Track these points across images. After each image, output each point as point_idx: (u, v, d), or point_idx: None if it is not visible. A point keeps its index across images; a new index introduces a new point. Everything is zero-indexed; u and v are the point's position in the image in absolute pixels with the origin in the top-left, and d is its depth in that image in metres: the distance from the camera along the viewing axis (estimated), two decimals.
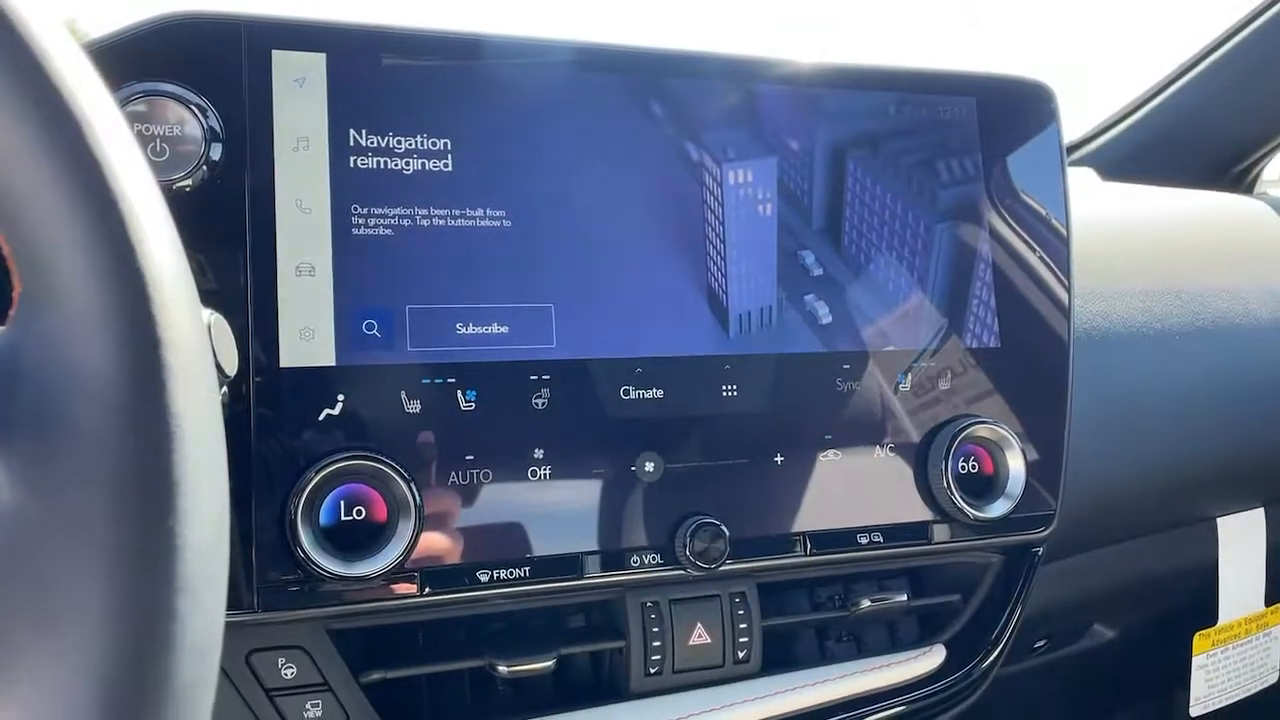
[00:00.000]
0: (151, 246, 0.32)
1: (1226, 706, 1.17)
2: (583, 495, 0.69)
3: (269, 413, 0.62)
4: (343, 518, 0.62)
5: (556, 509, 0.68)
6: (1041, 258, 0.85)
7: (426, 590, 0.64)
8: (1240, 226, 1.24)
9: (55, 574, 0.28)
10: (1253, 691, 1.20)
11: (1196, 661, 1.14)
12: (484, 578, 0.66)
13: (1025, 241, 0.84)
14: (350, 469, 0.62)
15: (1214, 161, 1.57)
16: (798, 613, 0.79)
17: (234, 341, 0.52)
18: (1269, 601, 1.18)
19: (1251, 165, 1.60)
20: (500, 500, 0.67)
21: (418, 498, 0.63)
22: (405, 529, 0.63)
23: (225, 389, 0.60)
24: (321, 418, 0.63)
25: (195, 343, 0.33)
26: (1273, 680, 1.23)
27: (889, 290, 0.80)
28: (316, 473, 0.61)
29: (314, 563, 0.60)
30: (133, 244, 0.31)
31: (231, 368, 0.51)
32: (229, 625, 0.60)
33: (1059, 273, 0.85)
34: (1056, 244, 0.85)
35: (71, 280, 0.30)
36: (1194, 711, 1.15)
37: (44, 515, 0.29)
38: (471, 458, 0.66)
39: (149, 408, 0.30)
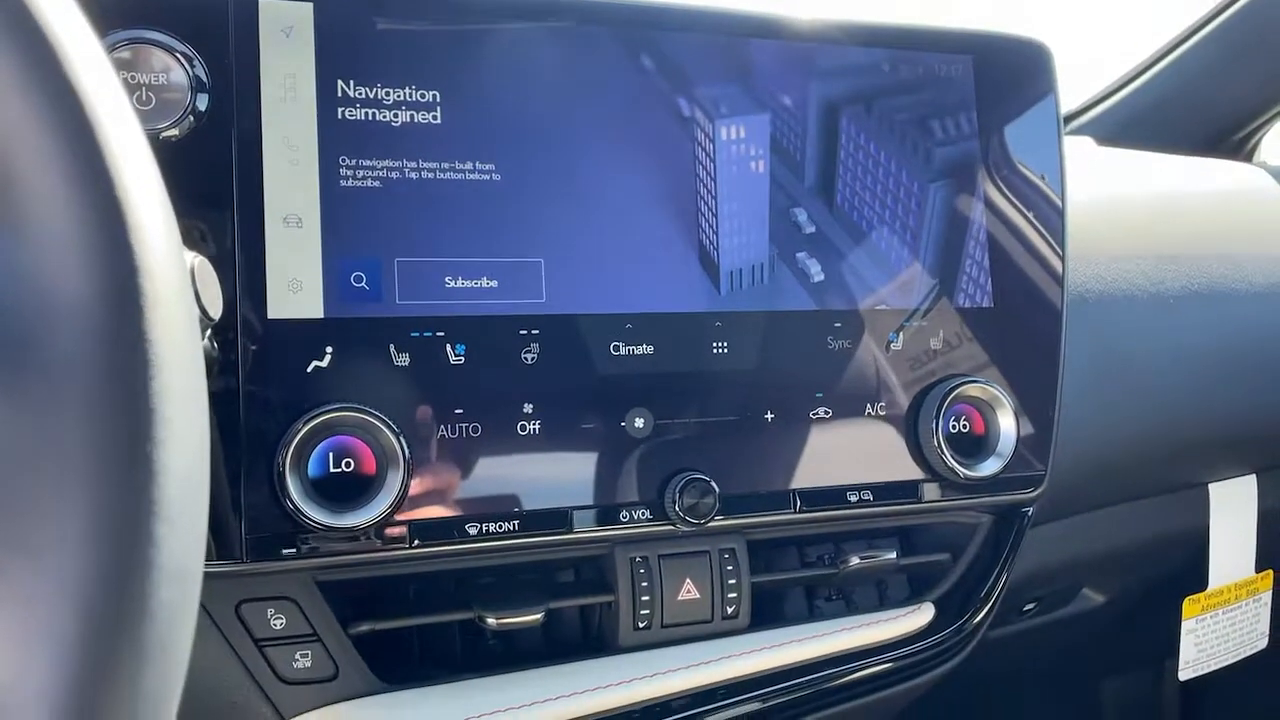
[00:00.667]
0: (128, 173, 0.32)
1: (1215, 671, 1.18)
2: (572, 450, 0.69)
3: (257, 364, 0.62)
4: (331, 470, 0.62)
5: (546, 464, 0.68)
6: (1036, 218, 0.85)
7: (415, 542, 0.64)
8: (1238, 193, 1.24)
9: (32, 498, 0.28)
10: (1241, 656, 1.21)
11: (1186, 626, 1.15)
12: (473, 531, 0.66)
13: (1020, 201, 0.84)
14: (339, 421, 0.62)
15: (1212, 130, 1.56)
16: (787, 570, 0.80)
17: (219, 286, 0.52)
18: (1259, 567, 1.19)
19: (1250, 134, 1.59)
20: (489, 454, 0.67)
21: (406, 451, 0.63)
22: (394, 481, 0.62)
23: (214, 344, 0.60)
24: (309, 370, 0.63)
25: (173, 272, 0.33)
26: (1262, 645, 1.24)
27: (881, 248, 0.79)
28: (305, 424, 0.61)
29: (303, 514, 0.60)
30: (109, 170, 0.31)
31: (216, 310, 0.51)
32: (219, 576, 0.61)
33: (1053, 234, 0.85)
34: (1052, 204, 0.85)
35: (47, 206, 0.30)
36: (1183, 676, 1.15)
37: (20, 440, 0.28)
38: (460, 412, 0.66)
39: (125, 333, 0.30)
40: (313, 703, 0.65)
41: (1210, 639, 1.17)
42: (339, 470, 0.62)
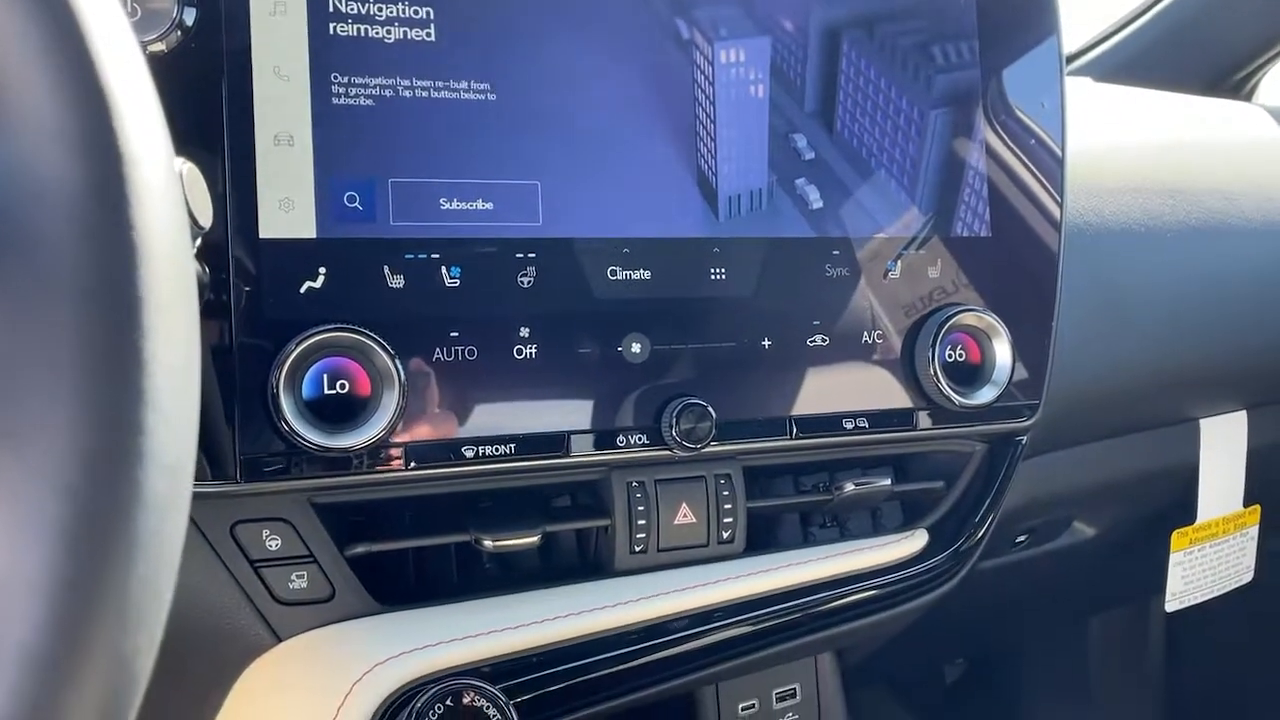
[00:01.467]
0: (112, 62, 0.31)
1: (1200, 604, 1.20)
2: (569, 375, 0.69)
3: (249, 284, 0.61)
4: (326, 391, 0.62)
5: (543, 388, 0.68)
6: (1036, 149, 0.84)
7: (411, 465, 0.64)
8: (1236, 129, 1.23)
9: (18, 387, 0.28)
10: (1227, 589, 1.23)
11: (1174, 559, 1.16)
12: (469, 454, 0.66)
13: (1020, 130, 0.83)
14: (332, 342, 0.61)
15: (1212, 70, 1.55)
16: (782, 496, 0.80)
17: (208, 193, 0.51)
18: (1247, 502, 1.20)
19: (1249, 75, 1.58)
20: (486, 378, 0.66)
21: (401, 373, 0.62)
22: (389, 403, 0.62)
23: (205, 267, 0.60)
24: (303, 290, 0.62)
25: (161, 165, 0.32)
26: (1248, 579, 1.25)
27: (881, 176, 0.79)
28: (297, 345, 0.60)
29: (297, 434, 0.60)
30: (95, 59, 0.30)
31: (206, 218, 0.50)
32: (213, 496, 0.61)
33: (1052, 165, 0.84)
34: (1051, 136, 0.84)
35: (32, 96, 0.29)
36: (1169, 607, 1.17)
37: (6, 328, 0.28)
38: (456, 335, 0.66)
39: (111, 221, 0.29)
40: (309, 623, 0.65)
41: (1197, 572, 1.19)
42: (333, 392, 0.62)
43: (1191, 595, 1.19)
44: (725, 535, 0.74)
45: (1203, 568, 1.19)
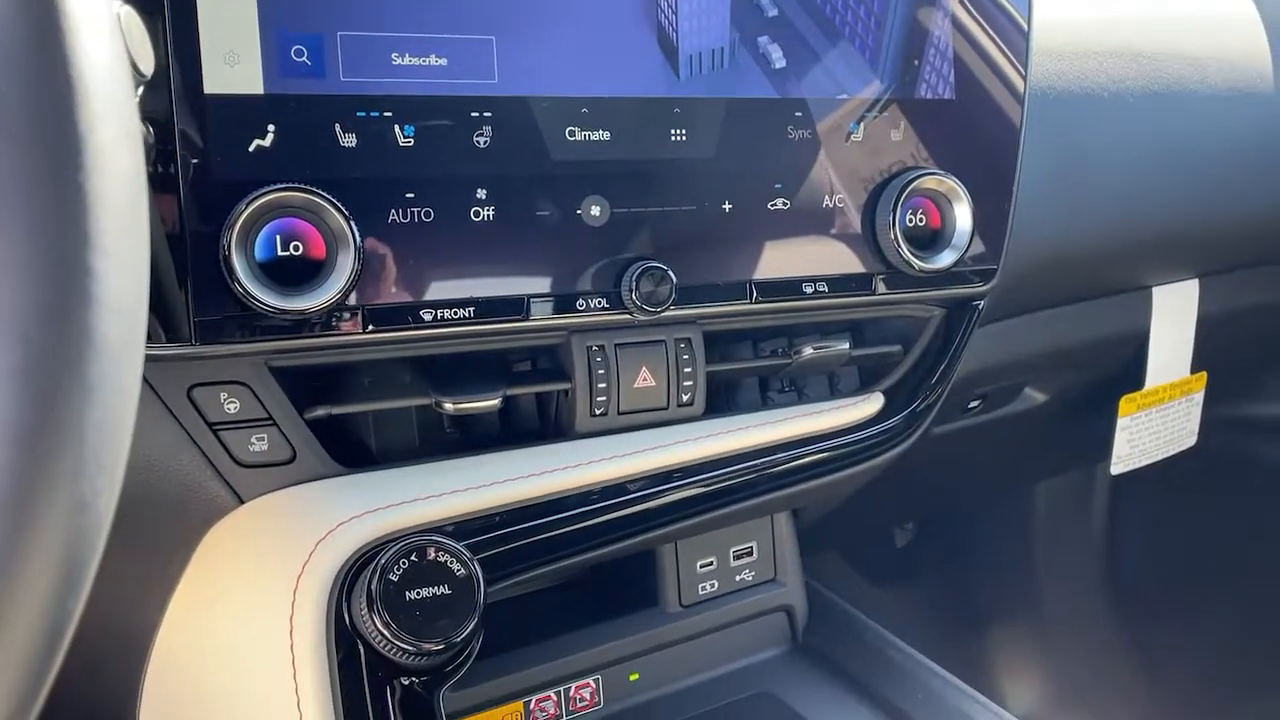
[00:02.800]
0: None
1: (1144, 467, 1.24)
2: (527, 237, 0.68)
3: (195, 142, 0.59)
4: (279, 253, 0.60)
5: (501, 250, 0.67)
6: (1001, 10, 0.82)
7: (370, 328, 0.64)
8: None
9: None
10: (1171, 453, 1.27)
11: (1121, 423, 1.19)
12: (428, 317, 0.65)
13: None
14: (284, 202, 0.60)
15: None
16: (741, 360, 0.81)
17: (150, 40, 0.49)
18: (1194, 369, 1.23)
19: None
20: (443, 240, 0.65)
21: (356, 234, 0.61)
22: (345, 265, 0.61)
23: (150, 127, 0.57)
24: (251, 149, 0.60)
25: (96, 1, 0.30)
26: (1191, 443, 1.29)
27: (845, 35, 0.77)
28: (248, 205, 0.59)
29: (252, 296, 0.59)
30: None
31: (147, 66, 0.48)
32: (168, 359, 0.60)
33: (1018, 27, 0.82)
34: None
35: None
36: (1114, 471, 1.21)
37: None
38: (411, 196, 0.64)
39: (47, 59, 0.28)
40: (270, 485, 0.66)
41: (1143, 436, 1.22)
42: (287, 254, 0.61)
43: (1136, 459, 1.23)
44: (685, 398, 0.75)
45: (1148, 432, 1.23)
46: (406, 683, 0.61)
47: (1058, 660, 1.71)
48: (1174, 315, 1.17)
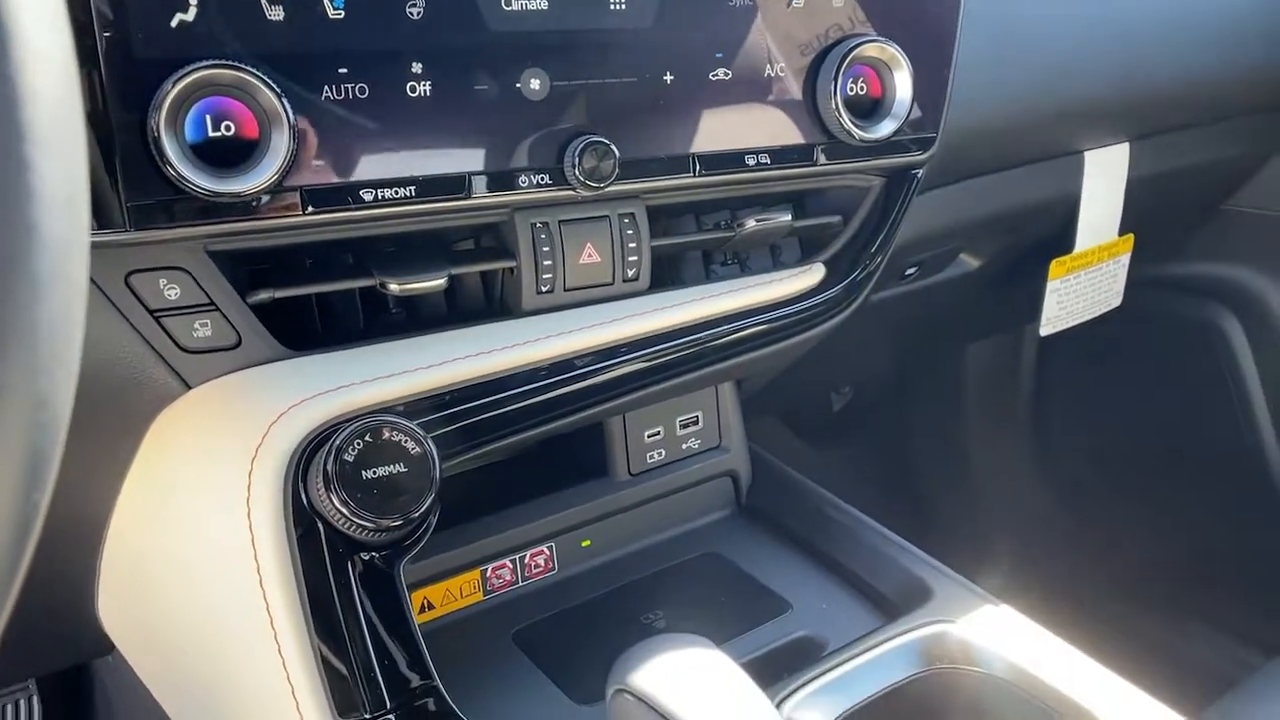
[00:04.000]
0: None
1: (1070, 328, 1.28)
2: (467, 113, 0.66)
3: (114, 19, 0.56)
4: (211, 134, 0.59)
5: (440, 127, 0.66)
6: None
7: (309, 209, 0.63)
8: None
9: None
10: (1097, 314, 1.31)
11: (1050, 286, 1.22)
12: (368, 197, 0.64)
13: None
14: (212, 80, 0.58)
15: None
16: (685, 234, 0.81)
17: None
18: (1122, 231, 1.26)
19: None
20: (380, 117, 0.64)
21: (289, 112, 0.59)
22: (279, 145, 0.60)
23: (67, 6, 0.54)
24: (174, 24, 0.58)
25: None
26: (1117, 304, 1.34)
27: None
28: (174, 84, 0.57)
29: (185, 179, 0.57)
30: None
31: None
32: (103, 246, 0.59)
33: None
34: None
35: None
36: (1043, 332, 1.25)
37: None
38: (345, 71, 0.62)
39: None
40: (217, 370, 0.65)
41: (1072, 298, 1.26)
42: (219, 134, 0.59)
43: (1065, 320, 1.27)
44: (630, 273, 0.76)
45: (1077, 294, 1.27)
46: (366, 557, 0.62)
47: (987, 513, 1.80)
48: (1104, 179, 1.19)
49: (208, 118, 0.59)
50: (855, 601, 0.84)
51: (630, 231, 0.75)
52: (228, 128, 0.59)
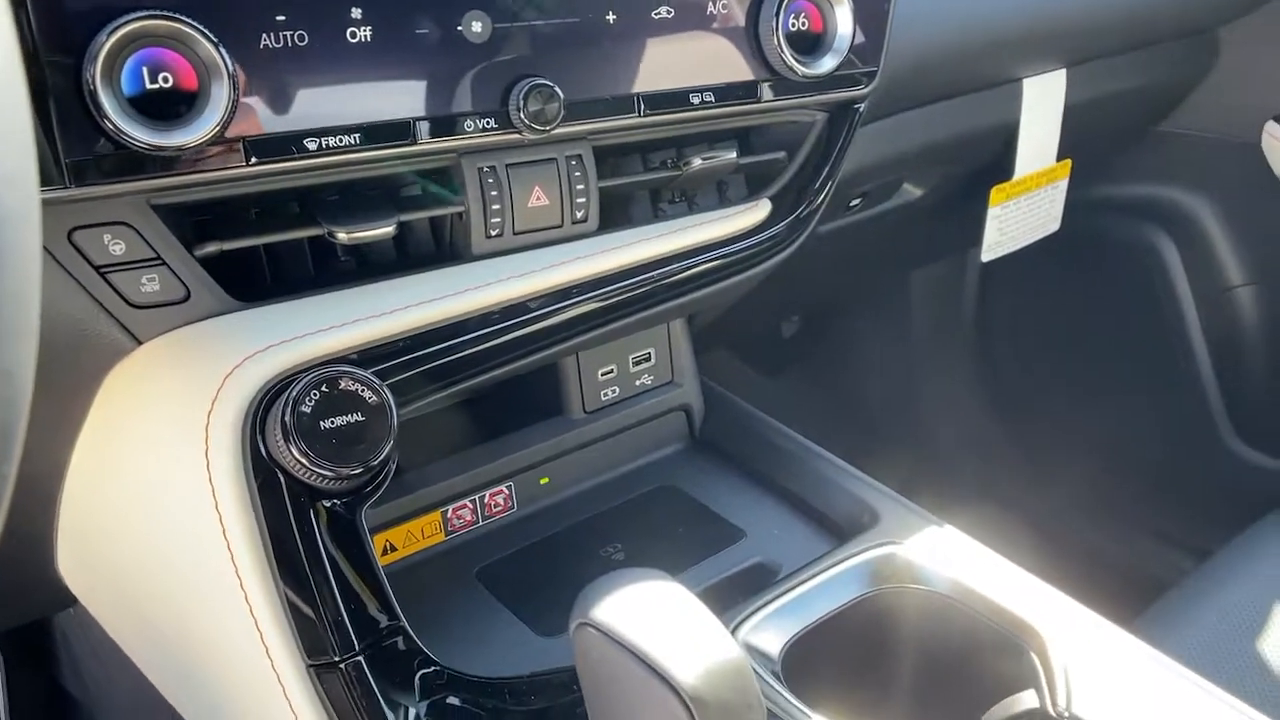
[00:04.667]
0: None
1: (1009, 255, 1.31)
2: (409, 58, 0.66)
3: None
4: (149, 86, 0.58)
5: (383, 73, 0.65)
6: None
7: (252, 160, 0.62)
8: None
9: None
10: (1036, 238, 1.34)
11: (991, 213, 1.25)
12: (312, 145, 0.64)
13: None
14: (147, 31, 0.57)
15: None
16: (632, 174, 0.81)
17: None
18: (1060, 157, 1.28)
19: None
20: (321, 64, 0.63)
21: (228, 62, 0.59)
22: (220, 96, 0.59)
23: None
24: None
25: None
26: (1054, 229, 1.37)
27: None
28: (108, 36, 0.56)
29: (124, 133, 0.57)
30: None
31: None
32: (44, 204, 0.58)
33: None
34: None
35: None
36: (985, 258, 1.28)
37: None
38: (283, 19, 0.61)
39: None
40: (167, 325, 0.65)
41: (1011, 224, 1.29)
42: (157, 86, 0.58)
43: (1005, 246, 1.29)
44: (579, 215, 0.76)
45: (1016, 220, 1.29)
46: (328, 505, 0.63)
47: (933, 436, 1.85)
48: (1042, 106, 1.21)
49: (144, 70, 0.58)
50: (806, 527, 0.87)
51: (578, 173, 0.75)
52: (165, 79, 0.58)
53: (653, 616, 0.52)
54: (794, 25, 0.79)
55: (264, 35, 0.61)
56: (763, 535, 0.86)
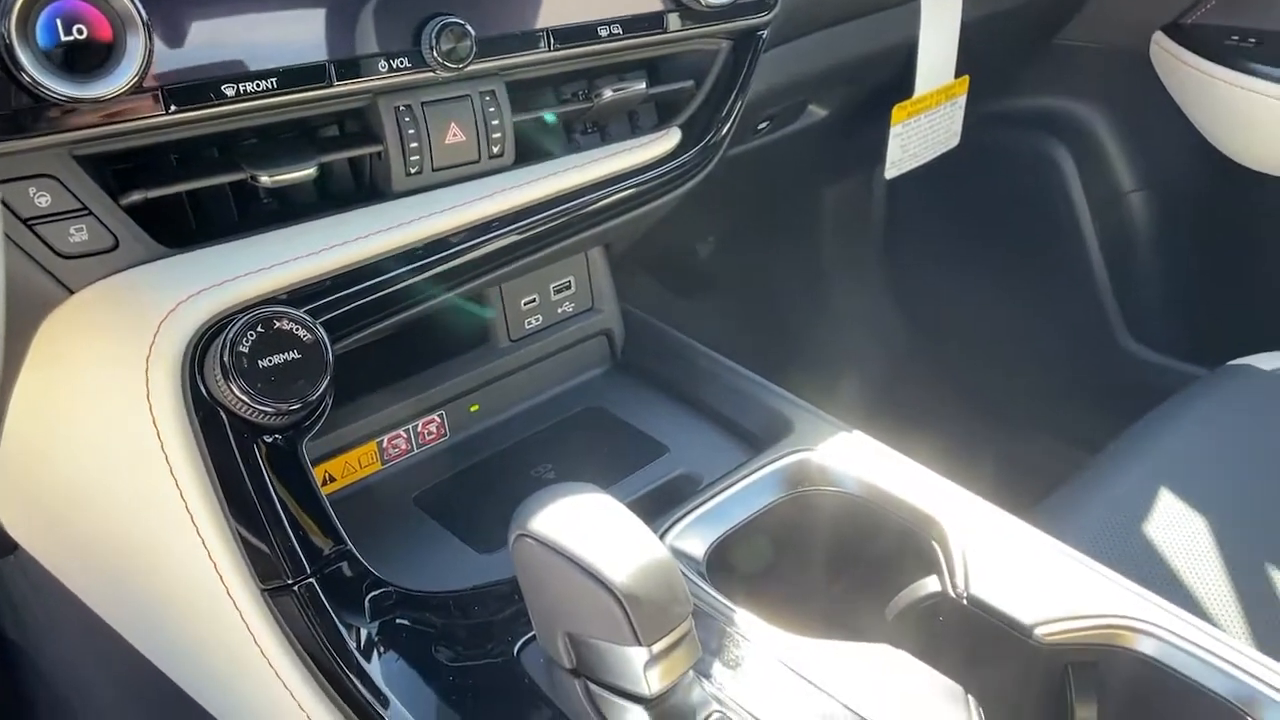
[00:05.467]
0: None
1: (912, 172, 1.36)
2: (321, 2, 0.67)
3: None
4: (64, 38, 0.58)
5: (295, 17, 0.67)
6: None
7: (171, 108, 0.63)
8: None
9: None
10: (938, 154, 1.39)
11: (893, 131, 1.29)
12: (229, 92, 0.65)
13: None
14: None
15: None
16: (545, 108, 0.84)
17: None
18: (958, 73, 1.33)
19: None
20: (235, 10, 0.64)
21: (141, 11, 0.59)
22: (135, 47, 0.60)
23: None
24: None
25: None
26: (955, 144, 1.42)
27: None
28: None
29: (41, 86, 0.58)
30: None
31: None
32: None
33: None
34: None
35: None
36: (888, 175, 1.33)
37: None
38: None
39: None
40: (98, 273, 0.66)
41: (913, 141, 1.34)
42: (72, 38, 0.59)
43: (907, 162, 1.34)
44: (495, 150, 0.78)
45: (918, 137, 1.34)
46: (269, 440, 0.66)
47: (845, 348, 1.92)
48: (939, 24, 1.25)
49: (59, 22, 0.58)
50: (725, 439, 0.92)
51: (492, 109, 0.77)
52: (80, 31, 0.59)
53: (586, 525, 0.57)
54: None
55: None
56: (685, 449, 0.91)
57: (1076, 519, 1.06)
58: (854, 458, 0.84)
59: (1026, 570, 0.74)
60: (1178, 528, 0.97)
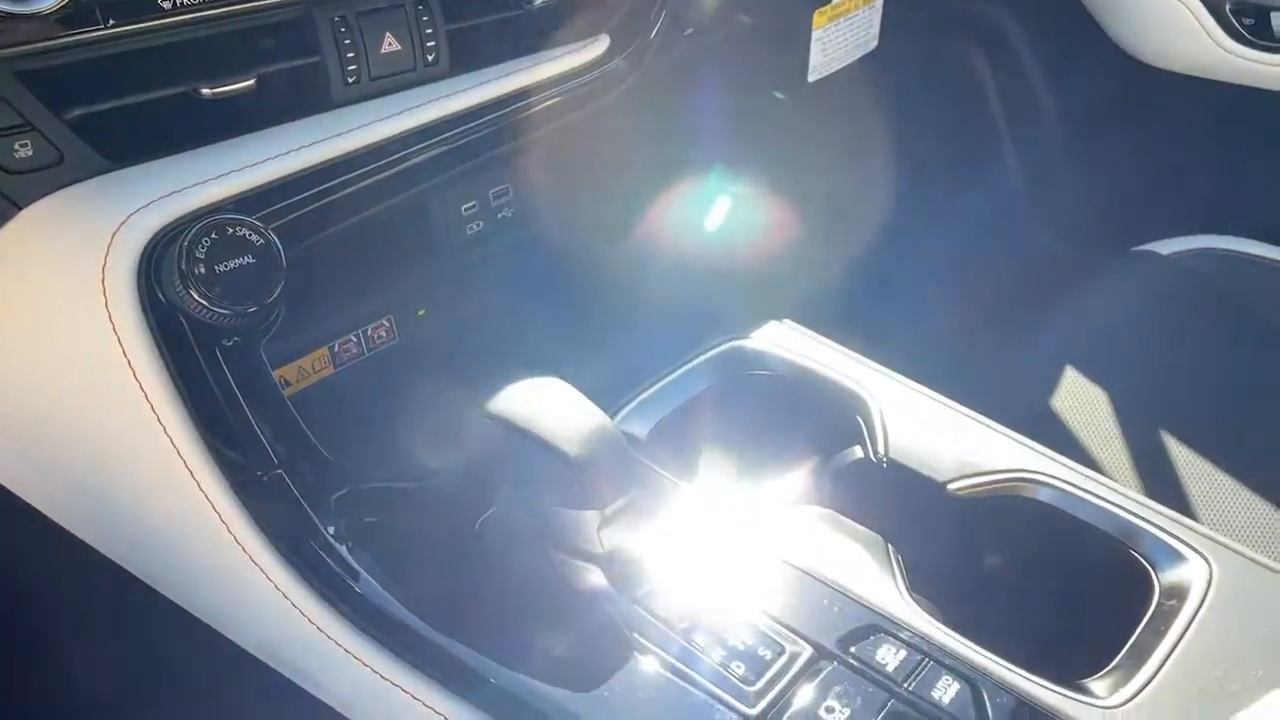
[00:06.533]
0: None
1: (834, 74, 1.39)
2: None
3: None
4: None
5: None
6: None
7: (110, 23, 0.65)
8: None
9: None
10: (857, 57, 1.43)
11: (815, 35, 1.33)
12: (166, 5, 0.67)
13: None
14: None
15: None
16: (478, 15, 0.86)
17: None
18: None
19: None
20: None
21: None
22: None
23: None
24: None
25: None
26: (873, 46, 1.46)
27: None
28: None
29: None
30: None
31: None
32: None
33: None
34: None
35: None
36: (810, 79, 1.36)
37: None
38: None
39: None
40: (44, 189, 0.68)
41: (833, 46, 1.37)
42: None
43: (829, 66, 1.38)
44: (430, 59, 0.81)
45: (838, 41, 1.38)
46: (229, 342, 0.69)
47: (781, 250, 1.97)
48: None
49: None
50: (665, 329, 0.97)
51: (426, 18, 0.79)
52: None
53: (545, 406, 0.62)
54: None
55: None
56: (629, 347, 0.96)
57: (986, 389, 1.14)
58: (783, 344, 0.90)
59: (939, 435, 0.81)
60: (1077, 394, 1.05)
